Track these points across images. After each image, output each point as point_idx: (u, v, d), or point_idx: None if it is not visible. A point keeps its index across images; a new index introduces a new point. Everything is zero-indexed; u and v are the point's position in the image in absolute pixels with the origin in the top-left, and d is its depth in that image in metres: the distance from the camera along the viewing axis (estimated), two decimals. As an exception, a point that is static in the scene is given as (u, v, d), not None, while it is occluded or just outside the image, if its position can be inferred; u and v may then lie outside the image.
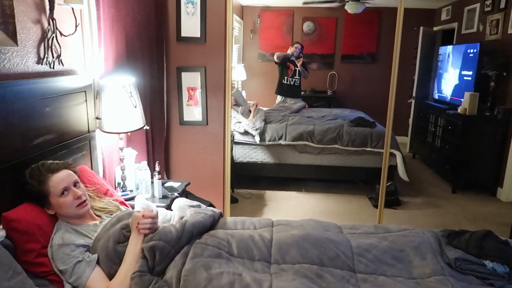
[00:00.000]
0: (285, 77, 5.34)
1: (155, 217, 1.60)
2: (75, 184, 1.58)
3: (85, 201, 1.58)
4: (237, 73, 5.77)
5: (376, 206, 3.67)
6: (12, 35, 1.57)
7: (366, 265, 1.58)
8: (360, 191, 4.21)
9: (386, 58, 6.01)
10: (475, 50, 4.37)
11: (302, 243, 1.64)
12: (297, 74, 5.31)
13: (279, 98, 5.57)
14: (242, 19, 6.50)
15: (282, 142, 4.18)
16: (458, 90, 4.76)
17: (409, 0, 5.53)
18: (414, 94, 5.78)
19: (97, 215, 1.69)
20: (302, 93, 5.75)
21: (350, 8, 5.14)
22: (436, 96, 5.48)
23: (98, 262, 1.46)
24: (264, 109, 4.92)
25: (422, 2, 5.82)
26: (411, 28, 5.77)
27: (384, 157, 3.06)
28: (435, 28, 6.19)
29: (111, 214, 1.72)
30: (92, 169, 2.15)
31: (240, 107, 4.78)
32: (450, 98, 4.96)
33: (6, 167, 1.53)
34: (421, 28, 5.57)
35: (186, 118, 3.03)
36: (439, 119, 4.85)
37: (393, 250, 1.66)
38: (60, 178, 1.52)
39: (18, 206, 1.47)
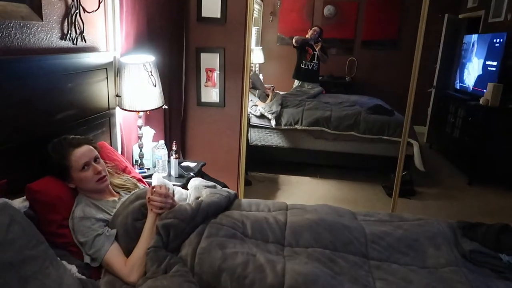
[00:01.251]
0: (303, 61, 5.28)
1: (167, 195, 1.60)
2: (96, 160, 1.61)
3: (104, 176, 1.61)
4: (255, 56, 5.73)
5: (390, 195, 3.65)
6: (38, 10, 1.59)
7: (379, 252, 1.59)
8: (375, 179, 4.19)
9: (408, 45, 5.87)
10: (501, 40, 4.23)
11: (316, 227, 1.65)
12: (315, 59, 5.24)
13: (296, 82, 5.52)
14: (262, 1, 6.41)
15: (298, 127, 4.16)
16: (481, 81, 4.64)
17: (435, -15, 5.35)
18: (434, 83, 5.66)
19: (115, 192, 1.73)
20: (320, 78, 5.68)
21: (373, -8, 5.01)
22: (457, 86, 5.35)
23: (116, 238, 1.50)
24: (281, 93, 4.89)
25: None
26: (435, 15, 5.60)
27: (402, 146, 3.03)
28: (460, 16, 6.00)
29: (129, 191, 1.75)
30: (111, 145, 2.18)
31: (257, 91, 4.76)
32: (472, 88, 4.84)
33: (29, 141, 1.57)
34: (446, 15, 5.41)
35: (204, 99, 3.04)
36: (459, 109, 4.75)
37: (407, 239, 1.66)
38: (81, 153, 1.55)
39: (41, 179, 1.51)
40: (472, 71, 4.92)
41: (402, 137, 3.02)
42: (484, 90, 4.28)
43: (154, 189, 1.60)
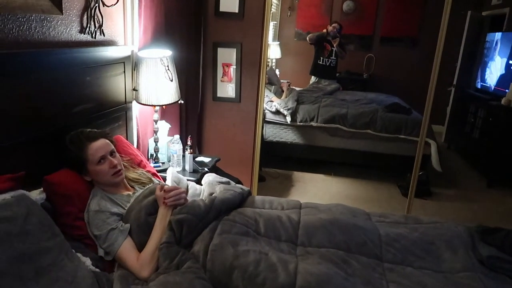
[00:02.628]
0: (321, 58, 5.22)
1: (179, 192, 1.61)
2: (112, 153, 1.62)
3: (120, 170, 1.62)
4: (272, 51, 5.70)
5: (405, 195, 3.59)
6: (58, 4, 1.60)
7: (394, 255, 1.56)
8: (390, 178, 4.13)
9: (428, 43, 5.74)
10: (526, 39, 4.11)
11: (330, 228, 1.63)
12: (333, 55, 5.18)
13: (313, 78, 5.47)
14: (281, -4, 6.36)
15: (313, 123, 4.13)
16: (503, 81, 4.52)
17: (459, -18, 5.21)
18: (454, 82, 5.53)
19: (130, 186, 1.74)
20: (337, 75, 5.62)
21: (394, -12, 4.91)
22: (478, 85, 5.23)
23: (130, 232, 1.51)
24: (297, 89, 4.85)
25: (472, -16, 5.49)
26: (458, 12, 5.46)
27: (419, 146, 2.97)
28: (483, 13, 5.84)
29: (143, 186, 1.76)
30: (127, 139, 2.20)
31: (273, 86, 4.73)
32: (494, 88, 4.72)
33: (47, 133, 1.59)
34: (469, 12, 5.27)
35: (220, 94, 3.04)
36: (480, 109, 4.64)
37: (422, 242, 1.63)
38: (98, 147, 1.56)
39: (58, 171, 1.53)
40: (494, 70, 4.79)
41: (420, 136, 2.96)
42: (507, 90, 4.16)
43: (164, 189, 1.59)
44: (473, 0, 5.85)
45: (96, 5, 1.86)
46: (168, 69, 2.18)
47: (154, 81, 2.14)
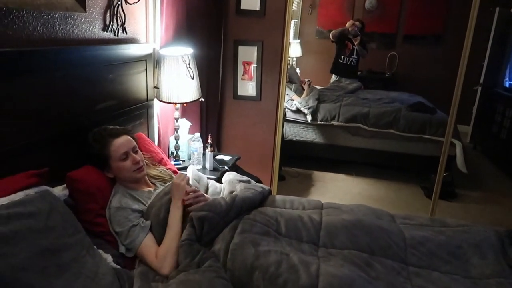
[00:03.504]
0: (342, 56, 5.15)
1: (199, 194, 1.63)
2: (134, 150, 1.63)
3: (142, 166, 1.63)
4: (293, 49, 5.64)
5: (429, 197, 3.50)
6: (81, 2, 1.61)
7: (419, 258, 1.51)
8: (413, 179, 4.03)
9: (453, 40, 5.56)
10: (559, 36, 3.94)
11: (353, 229, 1.59)
12: (354, 53, 5.10)
13: (333, 77, 5.40)
14: (302, -7, 6.30)
15: (334, 122, 4.07)
16: (533, 79, 4.35)
17: (487, -23, 5.05)
18: (481, 81, 5.36)
19: (151, 183, 1.74)
20: (358, 73, 5.53)
21: (419, -16, 4.79)
22: (506, 85, 5.05)
23: (150, 229, 1.51)
24: (318, 87, 4.80)
25: (501, -21, 5.30)
26: (486, 8, 5.29)
27: (444, 146, 2.89)
28: (513, 10, 5.65)
29: (164, 183, 1.76)
30: (148, 136, 2.21)
31: (294, 85, 4.69)
32: (523, 87, 4.56)
33: (71, 130, 1.61)
34: (497, 8, 5.10)
35: (240, 92, 3.02)
36: (508, 109, 4.48)
37: (449, 246, 1.57)
38: (121, 143, 1.58)
39: (80, 168, 1.55)
40: (524, 68, 4.62)
41: (445, 137, 2.88)
42: (537, 89, 4.01)
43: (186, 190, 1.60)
44: (502, -4, 5.66)
45: (119, 3, 1.87)
46: (190, 67, 2.17)
47: (175, 79, 2.14)
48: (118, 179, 1.61)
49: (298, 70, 5.75)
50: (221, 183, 2.01)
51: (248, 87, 3.00)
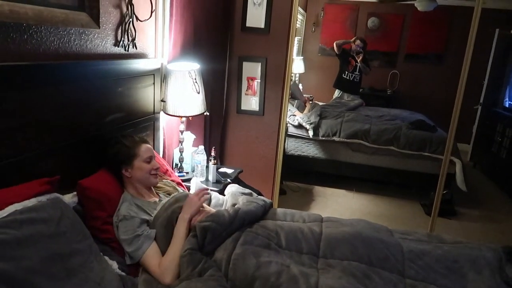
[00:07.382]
0: (346, 72, 5.25)
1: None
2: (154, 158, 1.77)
3: (157, 174, 1.76)
4: (296, 66, 5.74)
5: (428, 214, 3.53)
6: (96, 19, 1.69)
7: (416, 272, 1.55)
8: (413, 196, 4.07)
9: (454, 60, 5.68)
10: (557, 58, 4.02)
11: (352, 240, 1.63)
12: (357, 70, 5.20)
13: (336, 93, 5.48)
14: (306, 12, 6.44)
15: (336, 138, 4.13)
16: (532, 100, 4.42)
17: (487, -1, 5.16)
18: (481, 100, 5.43)
19: (156, 193, 1.80)
20: (360, 90, 5.62)
21: (420, 5, 4.90)
22: (506, 104, 5.11)
23: (155, 239, 1.55)
24: (320, 103, 4.87)
25: (501, 2, 5.41)
26: (485, 29, 5.38)
27: (444, 164, 2.94)
28: (512, 31, 5.75)
29: (168, 194, 1.81)
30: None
31: (296, 101, 4.77)
32: (523, 107, 4.62)
33: (81, 140, 1.67)
34: (497, 30, 5.20)
35: (243, 107, 3.09)
36: (508, 129, 4.53)
37: (446, 260, 1.60)
38: (149, 148, 1.75)
39: (92, 175, 1.61)
40: (523, 89, 4.69)
41: (445, 154, 2.93)
42: (536, 110, 4.06)
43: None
44: (502, 18, 5.77)
45: (130, 19, 1.95)
46: (196, 82, 2.24)
47: (181, 93, 2.21)
48: (131, 181, 1.69)
49: (301, 86, 5.83)
50: (224, 195, 2.06)
51: (251, 102, 3.07)
